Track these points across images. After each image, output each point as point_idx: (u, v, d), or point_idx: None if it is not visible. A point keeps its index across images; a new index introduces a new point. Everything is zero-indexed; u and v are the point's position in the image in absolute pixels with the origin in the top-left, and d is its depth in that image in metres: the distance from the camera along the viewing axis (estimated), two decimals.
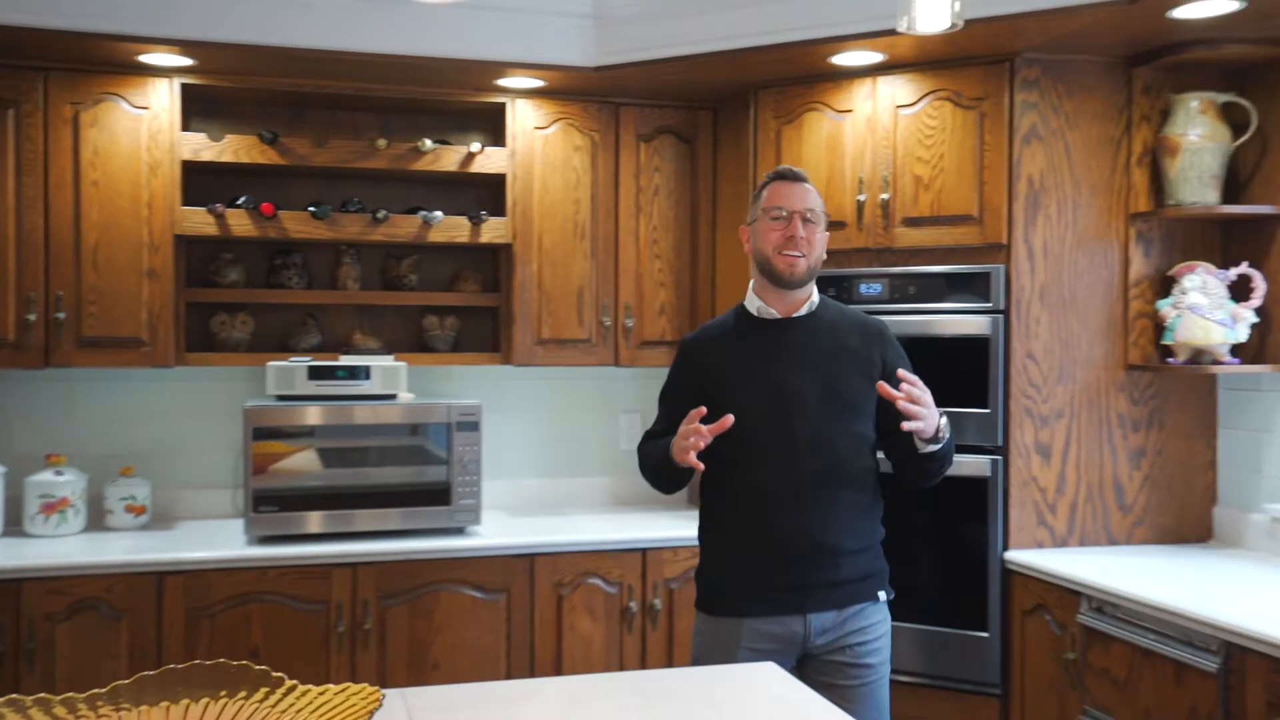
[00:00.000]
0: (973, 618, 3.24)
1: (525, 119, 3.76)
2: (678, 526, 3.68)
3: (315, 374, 3.51)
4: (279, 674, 1.70)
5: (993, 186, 3.24)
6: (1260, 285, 3.15)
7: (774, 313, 2.54)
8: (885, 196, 3.38)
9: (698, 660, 2.52)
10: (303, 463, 3.45)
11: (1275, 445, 3.19)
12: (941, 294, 3.30)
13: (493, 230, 3.74)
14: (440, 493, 3.51)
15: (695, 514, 3.90)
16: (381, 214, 3.66)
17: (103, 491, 3.60)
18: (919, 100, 3.36)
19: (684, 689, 2.00)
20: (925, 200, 3.33)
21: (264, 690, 1.65)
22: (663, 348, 3.90)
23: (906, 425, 2.32)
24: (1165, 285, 3.29)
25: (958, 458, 3.21)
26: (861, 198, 3.42)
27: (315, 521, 3.42)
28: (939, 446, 2.43)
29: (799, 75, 3.51)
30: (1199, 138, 3.19)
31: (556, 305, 3.80)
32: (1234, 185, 3.27)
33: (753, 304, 2.57)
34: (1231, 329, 3.14)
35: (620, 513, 3.98)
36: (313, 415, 3.46)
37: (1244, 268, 3.17)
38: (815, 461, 2.44)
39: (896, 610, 3.34)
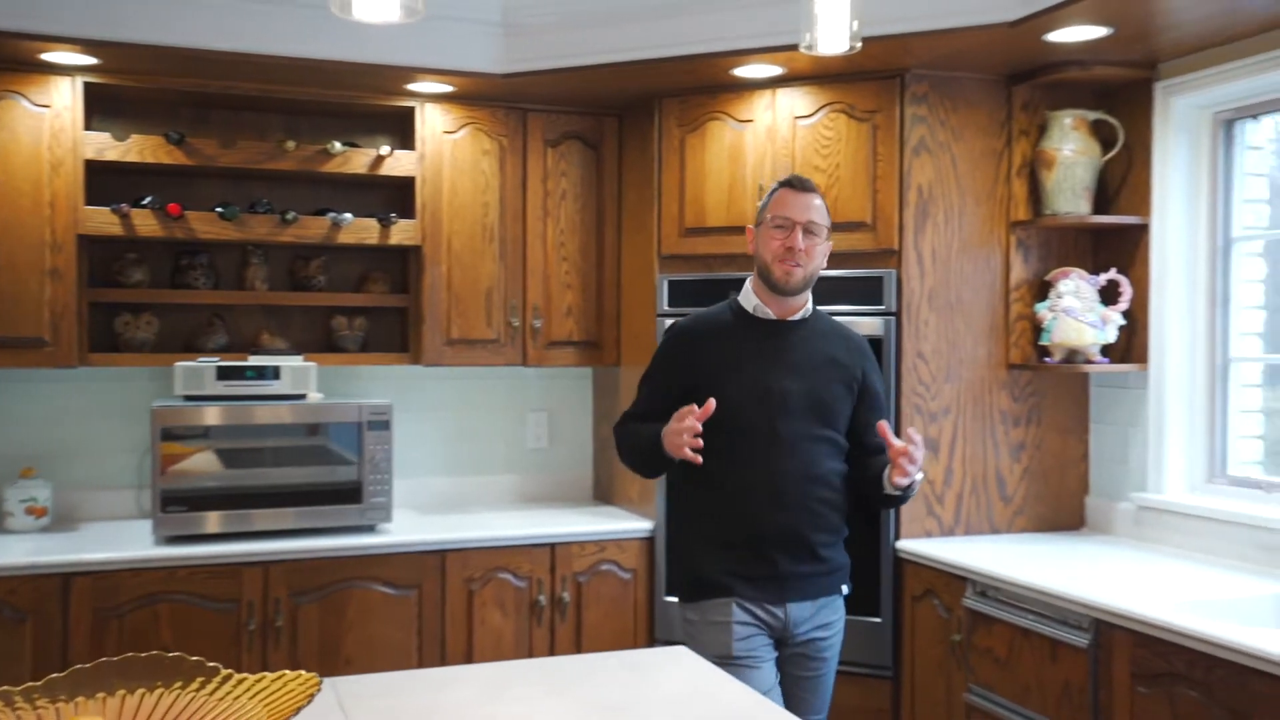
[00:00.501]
0: (866, 604, 3.42)
1: (434, 123, 3.82)
2: (585, 522, 3.79)
3: (224, 374, 3.51)
4: (213, 664, 1.75)
5: (885, 195, 3.43)
6: (1127, 290, 3.40)
7: (770, 314, 2.63)
8: None
9: (690, 647, 2.47)
10: (211, 463, 3.46)
11: (1140, 439, 3.43)
12: (838, 297, 3.46)
13: (402, 232, 3.80)
14: (351, 491, 3.55)
15: (602, 510, 4.04)
16: (291, 215, 3.68)
17: (2, 493, 3.55)
18: (816, 112, 3.52)
19: (601, 671, 2.10)
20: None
21: (199, 680, 1.70)
22: (570, 348, 4.00)
23: (897, 480, 2.49)
24: (1042, 289, 3.52)
25: None
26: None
27: (225, 521, 3.43)
28: (902, 493, 2.58)
29: (702, 86, 3.65)
30: (1072, 152, 3.42)
31: (466, 306, 3.87)
32: (1104, 197, 3.51)
33: (749, 302, 2.66)
34: (1101, 330, 3.38)
35: (528, 509, 4.07)
36: (222, 415, 3.47)
37: (1113, 273, 3.42)
38: (796, 459, 2.56)
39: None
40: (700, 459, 2.42)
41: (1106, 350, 3.44)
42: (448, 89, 3.74)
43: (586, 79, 3.63)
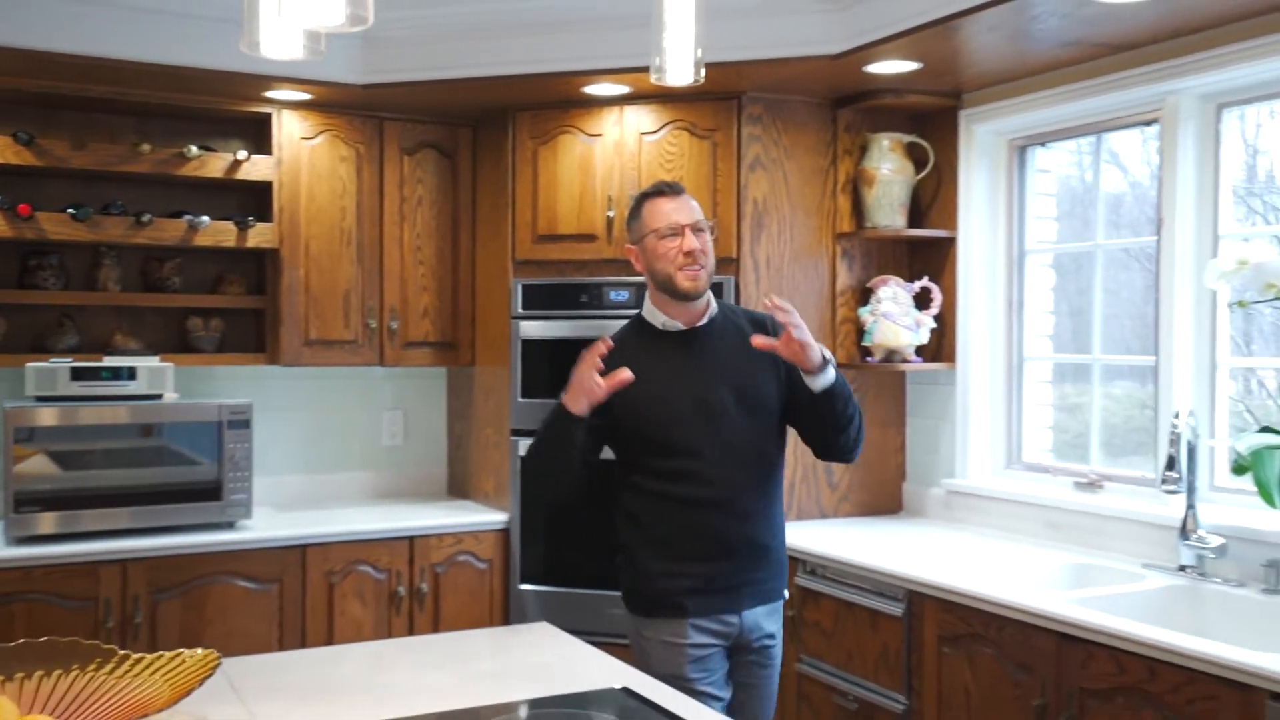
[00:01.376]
0: None
1: (291, 129, 3.92)
2: (443, 515, 3.95)
3: (78, 375, 3.53)
4: (109, 646, 1.87)
5: (724, 207, 3.71)
6: (938, 296, 3.78)
7: (680, 325, 2.57)
8: None
9: (644, 667, 2.40)
10: (64, 463, 3.47)
11: (949, 430, 3.82)
12: None
13: (260, 235, 3.87)
14: (211, 489, 3.62)
15: (457, 504, 4.21)
16: (146, 217, 3.71)
17: None
18: (660, 129, 3.78)
19: (473, 645, 2.30)
20: None
21: (97, 660, 1.81)
22: (426, 348, 4.15)
23: (785, 354, 2.37)
24: (864, 295, 3.87)
25: None
26: (611, 214, 3.80)
27: (80, 520, 3.45)
28: (832, 380, 2.43)
29: (554, 101, 3.86)
30: (890, 171, 3.78)
31: (324, 308, 3.97)
32: (917, 212, 3.89)
33: (655, 318, 2.59)
34: (916, 333, 3.75)
35: (386, 505, 4.20)
36: (76, 416, 3.49)
37: (925, 281, 3.79)
38: (741, 464, 2.51)
39: None
40: (599, 393, 2.34)
41: (920, 350, 3.82)
42: (306, 97, 3.84)
43: (442, 91, 3.79)
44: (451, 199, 4.21)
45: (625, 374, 2.37)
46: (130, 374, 3.61)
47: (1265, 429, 2.85)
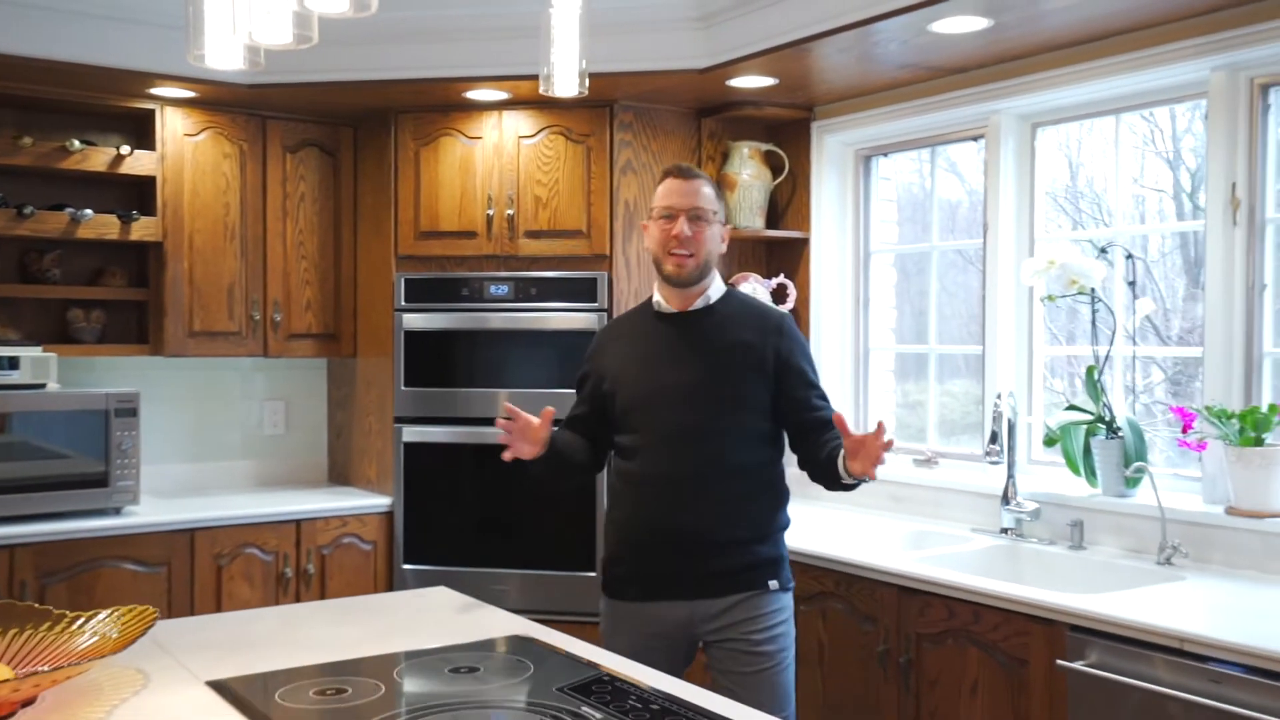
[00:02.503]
0: (585, 561, 3.96)
1: (174, 126, 4.01)
2: (327, 499, 4.10)
3: None
4: (44, 607, 2.01)
5: (598, 208, 3.98)
6: (793, 292, 4.13)
7: (668, 307, 2.61)
8: (510, 212, 4.01)
9: (605, 644, 2.49)
10: None
11: None
12: (558, 295, 3.99)
13: (144, 229, 3.96)
14: (98, 477, 3.69)
15: (340, 490, 4.35)
16: (28, 210, 3.76)
17: None
18: (538, 133, 4.02)
19: (377, 606, 2.50)
20: (544, 217, 4.00)
21: (48, 623, 1.96)
22: (309, 340, 4.29)
23: (853, 469, 2.37)
24: None
25: None
26: (490, 212, 4.03)
27: None
28: (857, 481, 2.45)
29: (436, 105, 4.05)
30: (750, 176, 4.11)
31: (208, 300, 4.08)
32: (775, 214, 4.23)
33: (656, 297, 2.66)
34: None
35: (268, 492, 4.32)
36: None
37: (782, 278, 4.14)
38: (698, 453, 2.49)
39: (529, 561, 4.00)
40: (527, 453, 2.47)
41: None
42: (190, 94, 3.94)
43: (326, 93, 3.94)
44: (334, 196, 4.36)
45: (550, 411, 2.48)
46: (13, 364, 3.65)
47: (1071, 407, 3.28)
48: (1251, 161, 2.94)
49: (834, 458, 2.44)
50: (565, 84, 2.69)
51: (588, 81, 2.67)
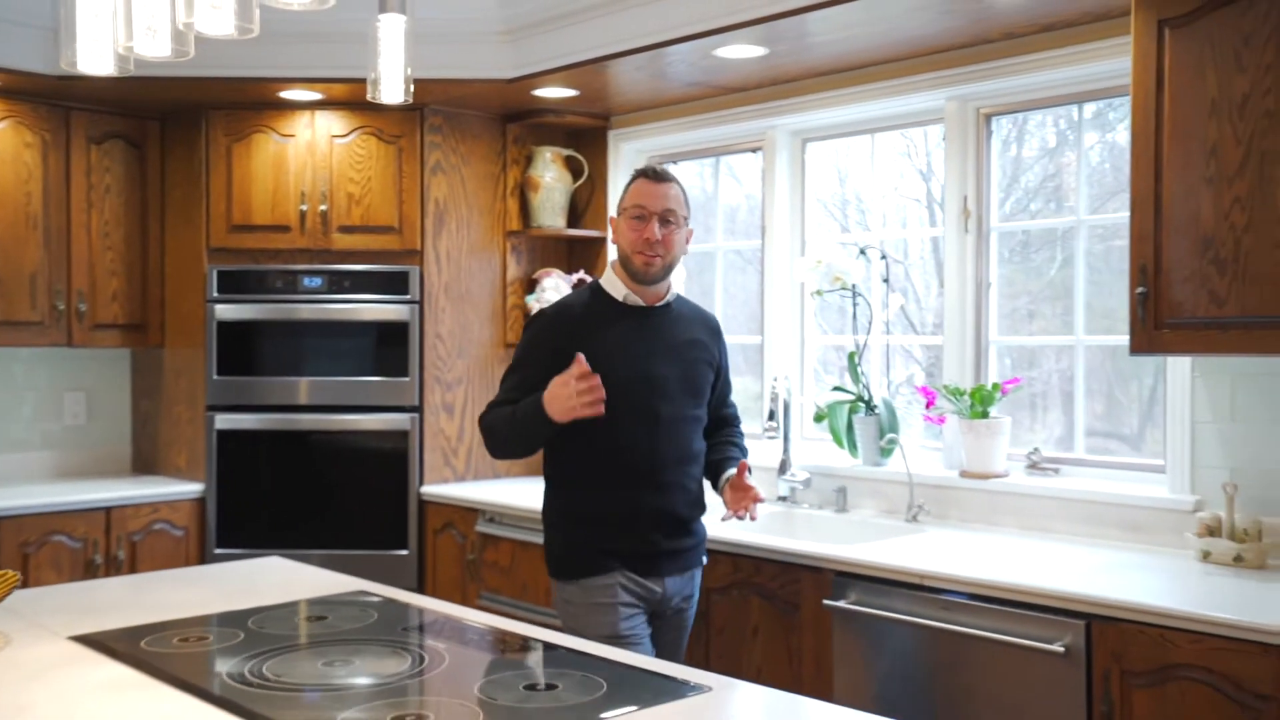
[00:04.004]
0: (396, 539, 4.17)
1: None
2: (136, 487, 4.15)
3: None
4: None
5: (409, 205, 4.20)
6: None
7: (640, 301, 2.70)
8: (324, 208, 4.18)
9: (572, 630, 2.56)
10: None
11: None
12: (371, 288, 4.18)
13: None
14: None
15: (147, 479, 4.39)
16: None
17: None
18: (350, 133, 4.21)
19: (213, 573, 2.68)
20: (357, 213, 4.19)
21: None
22: (115, 330, 4.32)
23: (729, 506, 2.72)
24: (531, 284, 4.49)
25: (386, 415, 4.15)
26: (304, 208, 4.18)
27: None
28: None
29: (248, 103, 4.17)
30: (552, 179, 4.43)
31: (9, 289, 4.05)
32: (575, 214, 4.56)
33: (617, 290, 2.71)
34: None
35: (73, 482, 4.31)
36: None
37: (582, 274, 4.47)
38: (673, 440, 2.68)
39: (341, 542, 4.17)
40: (602, 410, 2.47)
41: None
42: None
43: (131, 86, 3.99)
44: (140, 188, 4.39)
45: (581, 359, 2.47)
46: None
47: (836, 388, 3.75)
48: (979, 178, 3.48)
49: (718, 470, 2.82)
50: (392, 91, 2.93)
51: (412, 88, 2.92)
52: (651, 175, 2.69)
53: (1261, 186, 2.50)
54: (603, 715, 1.67)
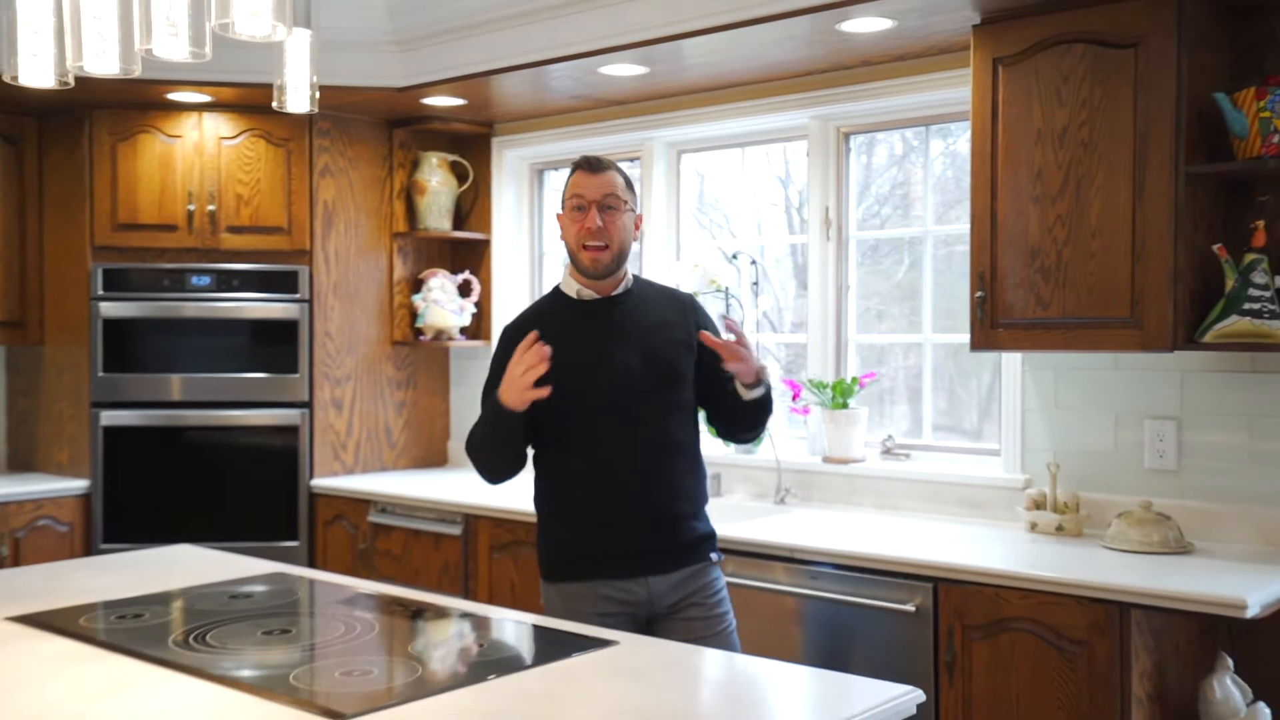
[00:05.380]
0: (286, 531, 4.29)
1: None
2: (16, 485, 4.16)
3: None
4: None
5: (298, 206, 4.32)
6: (477, 287, 4.67)
7: (593, 294, 2.60)
8: (212, 208, 4.27)
9: None
10: None
11: None
12: (260, 286, 4.29)
13: None
14: None
15: (26, 476, 4.40)
16: None
17: None
18: (239, 135, 4.30)
19: (132, 561, 2.79)
20: (246, 213, 4.29)
21: None
22: None
23: (729, 366, 2.48)
24: (417, 284, 4.66)
25: (276, 411, 4.27)
26: (191, 207, 4.26)
27: None
28: (761, 392, 2.55)
29: (134, 102, 4.22)
30: (438, 183, 4.60)
31: None
32: (460, 217, 4.75)
33: (570, 287, 2.62)
34: (460, 316, 4.61)
35: None
36: None
37: (467, 274, 4.67)
38: (648, 432, 2.54)
39: (230, 535, 4.26)
40: (547, 391, 2.35)
41: (464, 330, 4.68)
42: None
43: (9, 83, 3.99)
44: (18, 185, 4.39)
45: (533, 336, 2.37)
46: None
47: None
48: (839, 191, 3.83)
49: (733, 391, 2.57)
50: (299, 101, 3.08)
51: (318, 95, 3.08)
52: (586, 165, 2.58)
53: (1079, 206, 2.89)
54: (530, 663, 1.90)
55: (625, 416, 2.52)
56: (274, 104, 3.00)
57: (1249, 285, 2.76)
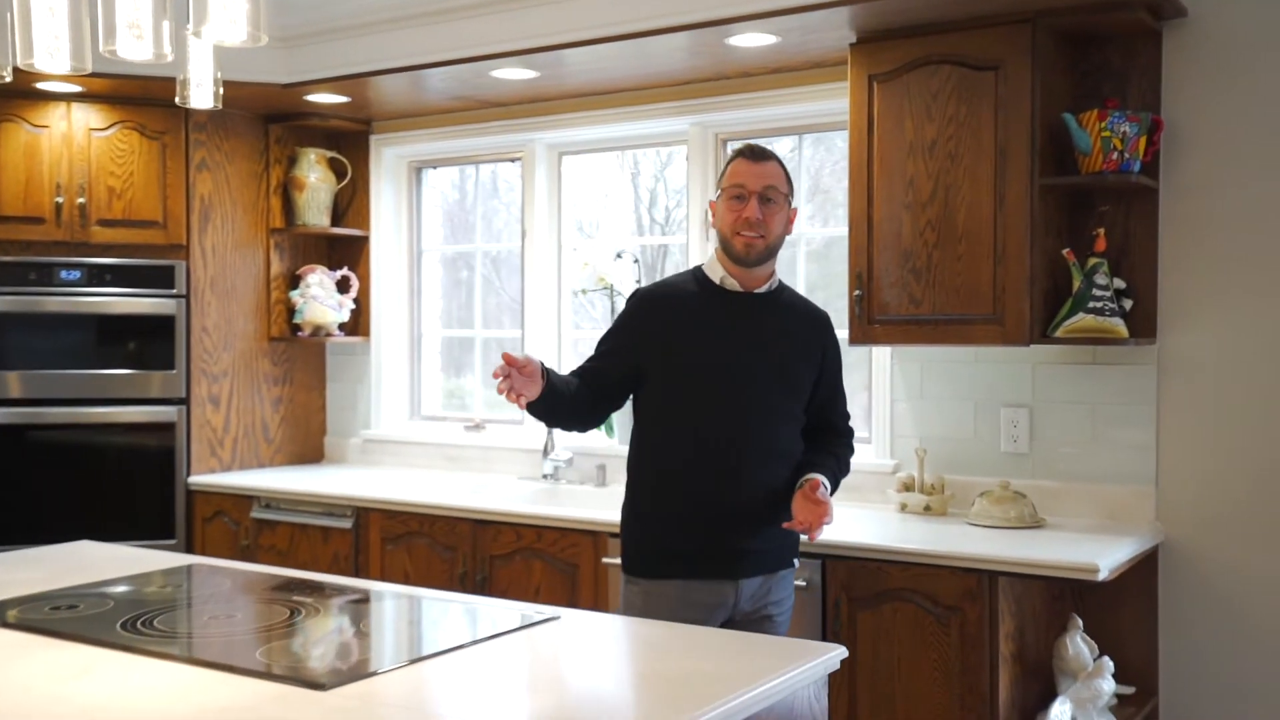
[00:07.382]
0: (163, 529, 4.23)
1: None
2: None
3: None
4: None
5: (174, 200, 4.26)
6: (356, 283, 4.69)
7: (737, 286, 2.58)
8: (82, 200, 4.16)
9: None
10: None
11: (365, 391, 4.75)
12: (135, 281, 4.21)
13: None
14: None
15: None
16: None
17: None
18: (110, 126, 4.21)
19: (36, 558, 2.75)
20: (119, 206, 4.20)
21: None
22: None
23: (789, 525, 2.49)
24: (295, 280, 4.64)
25: (151, 407, 4.21)
26: (60, 200, 4.14)
27: None
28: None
29: None
30: (316, 179, 4.60)
31: None
32: (339, 213, 4.75)
33: (715, 273, 2.60)
34: (339, 312, 4.62)
35: None
36: None
37: (346, 270, 4.68)
38: (759, 434, 2.53)
39: (103, 534, 4.16)
40: (521, 402, 2.41)
41: (342, 326, 4.69)
42: None
43: None
44: None
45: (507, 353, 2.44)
46: None
47: None
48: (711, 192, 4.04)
49: (800, 473, 2.58)
50: (202, 97, 3.10)
51: (222, 91, 3.10)
52: (749, 154, 2.56)
53: (946, 213, 3.18)
54: (483, 633, 2.02)
55: (739, 414, 2.51)
56: (176, 98, 3.02)
57: (1093, 286, 3.10)
